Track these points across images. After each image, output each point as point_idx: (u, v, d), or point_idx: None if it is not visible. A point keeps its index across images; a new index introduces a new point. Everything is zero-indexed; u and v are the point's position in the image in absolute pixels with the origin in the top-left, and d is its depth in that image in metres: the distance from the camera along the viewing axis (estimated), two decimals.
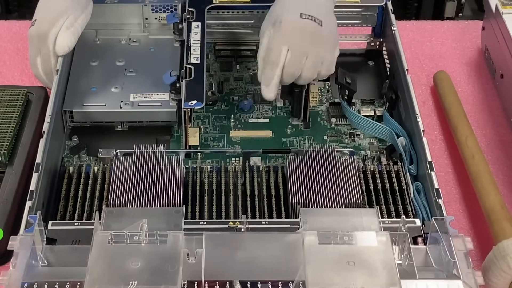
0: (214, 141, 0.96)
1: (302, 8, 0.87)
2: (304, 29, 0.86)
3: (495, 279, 0.77)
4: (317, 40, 0.86)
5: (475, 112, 1.05)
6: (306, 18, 0.86)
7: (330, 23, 0.89)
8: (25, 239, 0.72)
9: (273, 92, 0.88)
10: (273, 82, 0.87)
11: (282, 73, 0.87)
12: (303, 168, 0.86)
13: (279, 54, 0.86)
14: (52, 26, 0.93)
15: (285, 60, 0.86)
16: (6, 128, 0.92)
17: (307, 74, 0.88)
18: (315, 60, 0.87)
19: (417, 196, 0.85)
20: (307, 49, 0.86)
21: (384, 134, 0.95)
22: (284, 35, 0.85)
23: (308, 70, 0.88)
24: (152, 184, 0.84)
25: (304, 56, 0.87)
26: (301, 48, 0.86)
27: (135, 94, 0.97)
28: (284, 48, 0.86)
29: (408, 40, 1.16)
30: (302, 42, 0.86)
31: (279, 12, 0.88)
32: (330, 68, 0.90)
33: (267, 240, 0.74)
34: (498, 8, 1.05)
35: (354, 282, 0.69)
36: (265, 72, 0.87)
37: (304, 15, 0.86)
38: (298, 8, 0.87)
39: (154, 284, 0.68)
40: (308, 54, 0.87)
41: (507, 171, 0.97)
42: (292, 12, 0.87)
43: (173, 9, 1.07)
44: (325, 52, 0.88)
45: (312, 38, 0.86)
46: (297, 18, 0.86)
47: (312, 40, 0.86)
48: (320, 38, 0.87)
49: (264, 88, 0.88)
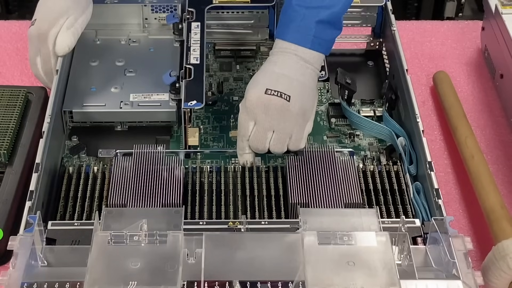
0: (214, 141, 0.96)
1: (269, 84, 0.85)
2: (267, 105, 0.84)
3: (494, 279, 0.77)
4: (282, 115, 0.85)
5: (475, 112, 1.05)
6: (270, 94, 0.84)
7: (302, 98, 0.86)
8: (25, 239, 0.72)
9: (249, 160, 0.88)
10: (244, 152, 0.88)
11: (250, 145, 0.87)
12: (303, 168, 0.86)
13: (246, 128, 0.86)
14: (52, 26, 0.93)
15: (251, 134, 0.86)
16: (6, 128, 0.92)
17: (274, 148, 0.86)
18: (281, 135, 0.86)
19: (417, 196, 0.85)
20: (271, 124, 0.85)
21: (384, 134, 0.95)
22: (249, 111, 0.85)
23: (274, 144, 0.86)
24: (152, 184, 0.84)
25: (269, 131, 0.85)
26: (265, 123, 0.85)
27: (135, 94, 0.97)
28: (251, 123, 0.86)
29: (408, 40, 1.16)
30: (266, 117, 0.85)
31: (249, 86, 0.87)
32: (298, 144, 0.87)
33: (267, 240, 0.74)
34: (498, 8, 1.05)
35: (354, 282, 0.69)
36: (238, 144, 0.88)
37: (270, 91, 0.84)
38: (265, 84, 0.85)
39: (154, 284, 0.68)
40: (274, 129, 0.85)
41: (507, 171, 0.97)
42: (259, 88, 0.85)
43: (172, 9, 1.07)
44: (293, 127, 0.86)
45: (276, 113, 0.84)
46: (261, 94, 0.84)
47: (277, 115, 0.84)
48: (286, 114, 0.85)
49: (239, 157, 0.88)
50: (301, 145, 0.87)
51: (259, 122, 0.85)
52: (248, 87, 0.86)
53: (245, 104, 0.85)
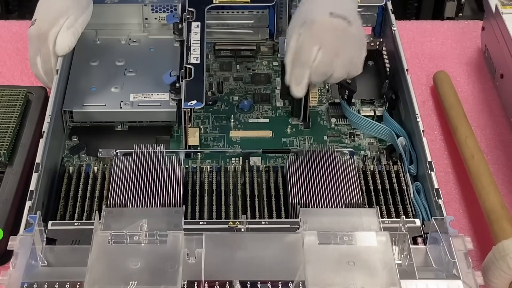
0: (214, 141, 0.96)
1: (331, 8, 0.86)
2: (335, 28, 0.85)
3: (495, 279, 0.77)
4: (347, 39, 0.86)
5: (475, 112, 1.05)
6: (336, 17, 0.85)
7: (358, 23, 0.88)
8: (25, 239, 0.72)
9: (304, 90, 0.87)
10: (304, 81, 0.86)
11: (312, 72, 0.86)
12: (303, 168, 0.86)
13: (309, 53, 0.85)
14: (52, 25, 0.93)
15: (315, 60, 0.85)
16: (6, 128, 0.92)
17: (338, 74, 0.87)
18: (345, 59, 0.86)
19: (417, 196, 0.85)
20: (338, 49, 0.85)
21: (384, 134, 0.95)
22: (315, 34, 0.85)
23: (339, 69, 0.86)
24: (152, 184, 0.84)
25: (335, 56, 0.85)
26: (332, 48, 0.85)
27: (135, 94, 0.97)
28: (315, 48, 0.85)
29: (408, 40, 1.16)
30: (333, 41, 0.85)
31: (308, 12, 0.87)
32: (359, 68, 0.89)
33: (267, 240, 0.74)
34: (498, 8, 1.05)
35: (354, 282, 0.69)
36: (295, 72, 0.86)
37: (334, 14, 0.86)
38: (327, 8, 0.86)
39: (154, 284, 0.68)
40: (339, 53, 0.86)
41: (507, 171, 0.97)
42: (322, 12, 0.86)
43: (173, 9, 1.07)
44: (355, 51, 0.87)
45: (343, 37, 0.85)
46: (327, 18, 0.85)
47: (343, 39, 0.85)
48: (350, 38, 0.86)
49: (295, 87, 0.87)
50: (360, 69, 0.89)
51: (327, 45, 0.85)
52: (308, 10, 0.87)
53: (311, 28, 0.85)
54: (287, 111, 1.00)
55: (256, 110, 1.01)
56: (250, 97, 1.02)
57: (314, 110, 1.00)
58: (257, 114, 1.00)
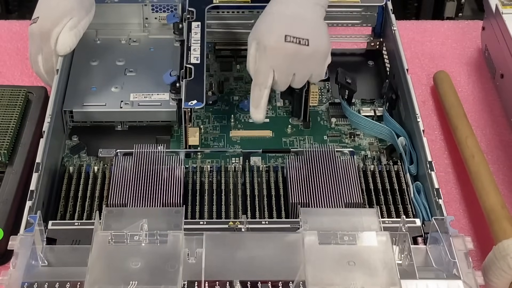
0: (214, 141, 0.96)
1: (287, 29, 0.85)
2: (288, 54, 0.85)
3: (495, 279, 0.77)
4: (302, 61, 0.86)
5: (475, 112, 1.05)
6: (290, 41, 0.85)
7: (318, 38, 0.87)
8: (25, 239, 0.72)
9: (262, 114, 0.88)
10: (262, 102, 0.87)
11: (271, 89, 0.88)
12: (303, 168, 0.86)
13: (266, 76, 0.86)
14: (55, 25, 0.93)
15: (272, 81, 0.87)
16: (6, 128, 0.92)
17: (296, 86, 0.90)
18: (303, 76, 0.88)
19: (417, 196, 0.85)
20: (293, 69, 0.87)
21: (384, 134, 0.95)
22: (270, 59, 0.85)
23: (296, 84, 0.89)
24: (152, 184, 0.84)
25: (290, 76, 0.87)
26: (287, 70, 0.86)
27: (135, 94, 0.97)
28: (271, 70, 0.86)
29: (408, 40, 1.16)
30: (287, 65, 0.86)
31: (264, 32, 0.86)
32: (319, 78, 0.90)
33: (267, 240, 0.74)
34: (498, 8, 1.05)
35: (354, 282, 0.69)
36: (254, 93, 0.87)
37: (289, 38, 0.85)
38: (283, 29, 0.85)
39: (154, 284, 0.68)
40: (295, 72, 0.87)
41: (507, 171, 0.97)
42: (277, 35, 0.85)
43: (173, 9, 1.07)
44: (313, 68, 0.88)
45: (296, 60, 0.86)
46: (281, 43, 0.85)
47: (297, 61, 0.86)
48: (307, 58, 0.86)
49: (253, 110, 0.88)
50: (323, 76, 0.90)
51: (281, 69, 0.86)
52: (263, 32, 0.86)
53: (265, 53, 0.85)
54: (287, 111, 1.00)
55: None
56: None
57: (314, 110, 1.00)
58: None
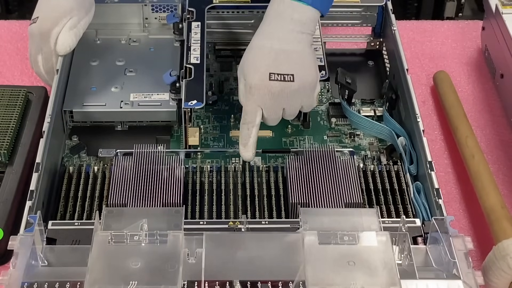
0: (214, 141, 0.96)
1: (271, 67, 0.85)
2: (274, 92, 0.84)
3: (495, 279, 0.77)
4: (290, 96, 0.85)
5: (475, 112, 1.05)
6: (275, 79, 0.84)
7: (304, 72, 0.86)
8: (25, 239, 0.72)
9: (251, 152, 0.86)
10: (250, 141, 0.86)
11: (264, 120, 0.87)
12: (303, 168, 0.86)
13: (254, 115, 0.85)
14: (55, 25, 0.93)
15: (261, 119, 0.86)
16: (6, 128, 0.92)
17: (289, 118, 0.89)
18: (293, 109, 0.87)
19: (417, 196, 0.85)
20: (281, 105, 0.86)
21: (384, 134, 0.95)
22: (256, 98, 0.85)
23: (288, 116, 0.88)
24: (152, 184, 0.84)
25: (280, 110, 0.87)
26: (275, 107, 0.86)
27: (135, 94, 0.97)
28: (259, 109, 0.86)
29: (408, 40, 1.16)
30: (274, 102, 0.85)
31: (249, 70, 0.86)
32: (310, 108, 0.90)
33: (267, 240, 0.74)
34: (498, 8, 1.05)
35: (354, 282, 0.69)
36: (242, 133, 0.86)
37: (273, 76, 0.84)
38: (267, 66, 0.85)
39: (154, 284, 0.68)
40: (284, 107, 0.87)
41: (507, 171, 0.97)
42: (261, 73, 0.84)
43: (173, 9, 1.07)
44: (302, 101, 0.87)
45: (284, 96, 0.85)
46: (266, 81, 0.84)
47: (285, 97, 0.85)
48: (293, 93, 0.85)
49: (242, 148, 0.86)
50: (314, 105, 0.90)
51: (269, 107, 0.86)
52: (248, 70, 0.85)
53: (251, 92, 0.85)
54: None
55: None
56: None
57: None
58: None
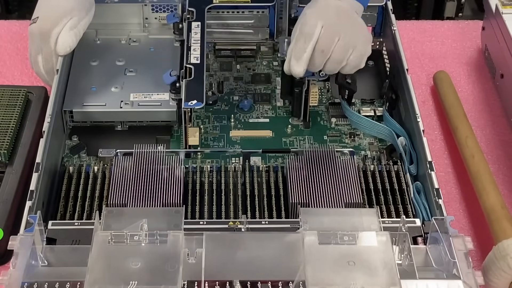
0: (214, 141, 0.96)
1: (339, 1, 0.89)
2: (340, 7, 0.87)
3: (495, 279, 0.77)
4: (351, 22, 0.87)
5: (475, 112, 1.05)
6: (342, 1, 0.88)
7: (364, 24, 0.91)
8: (25, 239, 0.72)
9: (303, 67, 0.87)
10: (304, 55, 0.86)
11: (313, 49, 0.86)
12: (303, 168, 0.86)
13: (314, 27, 0.86)
14: (55, 25, 0.93)
15: (319, 35, 0.86)
16: (6, 128, 0.92)
17: (336, 55, 0.86)
18: (347, 42, 0.86)
19: (417, 196, 0.85)
20: (340, 28, 0.86)
21: (384, 134, 0.95)
22: (319, 11, 0.87)
23: (338, 51, 0.86)
24: (152, 184, 0.84)
25: (337, 35, 0.86)
26: (335, 26, 0.86)
27: (135, 94, 0.97)
28: (319, 23, 0.86)
29: (408, 40, 1.16)
30: (336, 19, 0.86)
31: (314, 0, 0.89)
32: (359, 60, 0.88)
33: (267, 240, 0.74)
34: (498, 8, 1.05)
35: (354, 282, 0.69)
36: (297, 44, 0.86)
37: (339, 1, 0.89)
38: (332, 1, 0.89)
39: (154, 284, 0.68)
40: (340, 35, 0.86)
41: (507, 171, 0.97)
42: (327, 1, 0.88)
43: (173, 9, 1.07)
44: (358, 38, 0.87)
45: (346, 18, 0.87)
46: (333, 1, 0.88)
47: (346, 20, 0.87)
48: (355, 22, 0.88)
49: (294, 62, 0.86)
50: (362, 63, 0.89)
51: (329, 23, 0.86)
52: None
53: (317, 5, 0.87)
54: (287, 111, 1.00)
55: (256, 110, 1.01)
56: (250, 97, 1.02)
57: (314, 110, 1.00)
58: (257, 114, 1.00)
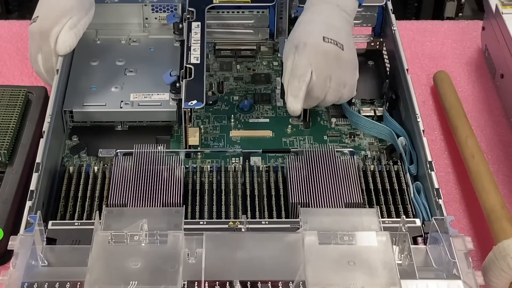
0: (214, 141, 0.96)
1: (324, 32, 0.89)
2: (327, 52, 0.87)
3: (495, 279, 0.77)
4: (339, 63, 0.88)
5: (475, 112, 1.05)
6: (328, 41, 0.88)
7: (350, 47, 0.90)
8: (25, 239, 0.72)
9: (300, 104, 0.87)
10: (301, 93, 0.87)
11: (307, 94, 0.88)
12: (303, 168, 0.86)
13: (306, 70, 0.87)
14: (55, 24, 0.93)
15: (309, 78, 0.87)
16: (6, 128, 0.92)
17: (330, 98, 0.90)
18: (338, 83, 0.89)
19: (417, 196, 0.85)
20: (330, 72, 0.88)
21: (384, 134, 0.95)
22: (309, 57, 0.87)
23: (331, 93, 0.89)
24: (152, 184, 0.84)
25: (327, 79, 0.88)
26: (324, 71, 0.87)
27: (135, 94, 0.97)
28: (309, 66, 0.87)
29: (408, 40, 1.16)
30: (325, 64, 0.87)
31: (302, 36, 0.89)
32: (352, 91, 0.91)
33: (267, 240, 0.74)
34: (498, 8, 1.05)
35: (354, 282, 0.69)
36: (292, 84, 0.87)
37: (327, 39, 0.88)
38: (320, 32, 0.89)
39: (154, 284, 0.68)
40: (331, 77, 0.88)
41: (507, 171, 0.97)
42: (315, 36, 0.88)
43: (173, 9, 1.07)
44: (347, 75, 0.90)
45: (334, 61, 0.88)
46: (320, 41, 0.88)
47: (335, 63, 0.88)
48: (342, 62, 0.88)
49: (292, 100, 0.87)
50: (354, 92, 0.92)
51: (319, 69, 0.87)
52: (301, 34, 0.89)
53: (304, 50, 0.87)
54: (287, 111, 1.00)
55: (256, 110, 1.01)
56: (250, 97, 1.02)
57: (314, 110, 1.00)
58: (257, 114, 1.00)
